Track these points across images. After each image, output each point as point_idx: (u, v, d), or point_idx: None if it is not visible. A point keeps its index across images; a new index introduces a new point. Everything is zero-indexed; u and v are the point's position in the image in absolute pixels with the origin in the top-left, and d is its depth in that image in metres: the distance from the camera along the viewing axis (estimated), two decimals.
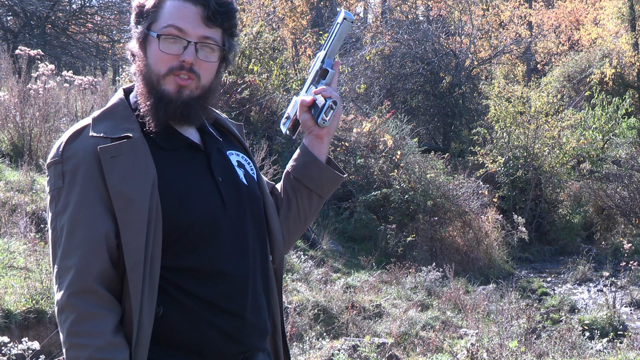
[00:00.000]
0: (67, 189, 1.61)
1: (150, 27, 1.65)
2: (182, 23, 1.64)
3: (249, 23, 12.03)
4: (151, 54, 1.65)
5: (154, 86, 1.65)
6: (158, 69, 1.65)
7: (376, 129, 11.51)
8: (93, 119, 1.66)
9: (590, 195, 14.56)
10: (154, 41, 1.65)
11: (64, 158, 1.62)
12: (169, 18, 1.64)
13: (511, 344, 5.48)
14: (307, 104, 1.86)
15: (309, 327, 6.27)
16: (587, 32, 21.01)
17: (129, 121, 1.66)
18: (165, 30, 1.64)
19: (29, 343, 3.42)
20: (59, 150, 1.64)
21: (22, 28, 16.22)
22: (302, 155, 1.91)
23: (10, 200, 5.80)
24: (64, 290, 1.56)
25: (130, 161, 1.60)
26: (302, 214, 1.91)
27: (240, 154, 1.82)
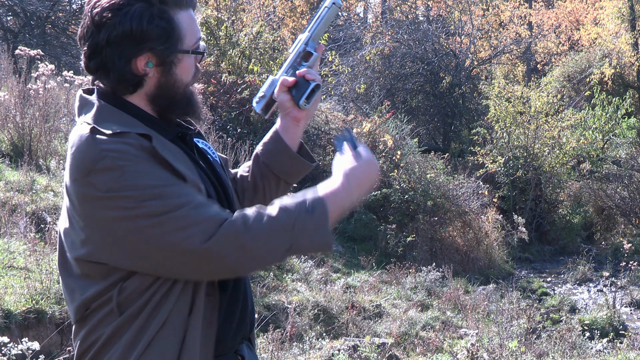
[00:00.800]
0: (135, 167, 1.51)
1: (180, 47, 1.65)
2: (199, 32, 1.70)
3: (249, 23, 12.04)
4: (183, 69, 1.67)
5: (179, 96, 1.68)
6: (187, 79, 1.69)
7: (376, 129, 11.51)
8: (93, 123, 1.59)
9: (590, 195, 14.56)
10: (188, 57, 1.67)
11: (108, 153, 1.51)
12: (193, 32, 1.67)
13: (511, 344, 5.48)
14: (288, 84, 1.84)
15: (309, 327, 6.27)
16: (587, 32, 21.02)
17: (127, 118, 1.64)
18: (198, 46, 1.69)
19: (29, 343, 3.42)
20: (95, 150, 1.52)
21: (22, 28, 16.22)
22: (273, 141, 1.91)
23: (10, 200, 5.80)
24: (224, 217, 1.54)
25: (174, 153, 1.61)
26: (267, 198, 1.92)
27: (201, 141, 1.84)
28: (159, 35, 1.60)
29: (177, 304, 1.58)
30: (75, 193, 1.55)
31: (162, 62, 1.63)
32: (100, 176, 1.50)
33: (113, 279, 1.56)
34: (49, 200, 6.21)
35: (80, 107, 1.67)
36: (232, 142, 7.90)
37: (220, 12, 11.23)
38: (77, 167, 1.53)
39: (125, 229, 1.51)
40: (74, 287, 1.62)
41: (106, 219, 1.52)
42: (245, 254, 1.52)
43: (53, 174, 6.99)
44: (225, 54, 10.86)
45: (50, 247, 5.18)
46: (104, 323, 1.58)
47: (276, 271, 7.28)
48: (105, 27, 1.58)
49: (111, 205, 1.50)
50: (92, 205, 1.52)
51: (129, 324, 1.57)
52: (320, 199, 1.59)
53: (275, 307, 6.34)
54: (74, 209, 1.57)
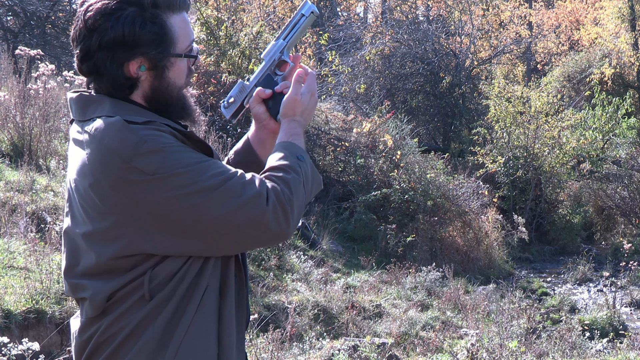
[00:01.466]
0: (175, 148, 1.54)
1: (173, 51, 1.65)
2: (192, 35, 1.70)
3: (249, 23, 12.04)
4: (176, 73, 1.67)
5: (173, 99, 1.69)
6: (180, 82, 1.69)
7: (376, 129, 11.51)
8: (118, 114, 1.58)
9: (590, 195, 14.56)
10: (181, 61, 1.67)
11: (146, 138, 1.52)
12: (187, 35, 1.67)
13: (511, 344, 5.48)
14: (265, 96, 1.85)
15: (309, 327, 6.27)
16: (587, 32, 21.01)
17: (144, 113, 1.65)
18: (191, 49, 1.68)
19: (29, 343, 3.42)
20: (132, 137, 1.51)
21: (22, 28, 16.22)
22: (245, 152, 1.93)
23: (10, 200, 5.80)
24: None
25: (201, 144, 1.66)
26: None
27: None
28: (152, 41, 1.60)
29: (210, 284, 1.60)
30: (109, 184, 1.52)
31: (155, 66, 1.63)
32: (145, 159, 1.50)
33: (143, 268, 1.54)
34: (49, 200, 6.21)
35: (83, 105, 1.64)
36: (232, 142, 7.90)
37: (220, 12, 11.23)
38: (118, 155, 1.51)
39: (180, 208, 1.51)
40: (94, 286, 1.58)
41: (155, 202, 1.51)
42: (291, 215, 1.59)
43: (53, 174, 6.99)
44: (225, 54, 10.86)
45: (50, 247, 5.18)
46: (131, 311, 1.55)
47: (276, 271, 7.29)
48: (97, 32, 1.57)
49: (163, 186, 1.50)
50: (135, 190, 1.50)
51: (159, 309, 1.55)
52: (300, 148, 1.74)
53: (275, 307, 6.34)
54: (102, 204, 1.53)
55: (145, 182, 1.50)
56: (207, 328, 1.59)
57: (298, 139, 1.75)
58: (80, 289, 1.61)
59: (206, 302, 1.59)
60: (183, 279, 1.56)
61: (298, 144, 1.74)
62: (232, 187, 1.54)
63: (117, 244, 1.53)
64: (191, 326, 1.57)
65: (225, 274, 1.64)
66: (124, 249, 1.53)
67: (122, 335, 1.55)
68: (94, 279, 1.58)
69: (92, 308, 1.59)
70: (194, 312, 1.57)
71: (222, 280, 1.63)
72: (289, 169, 1.64)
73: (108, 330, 1.57)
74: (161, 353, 1.55)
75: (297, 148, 1.72)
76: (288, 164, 1.65)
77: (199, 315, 1.58)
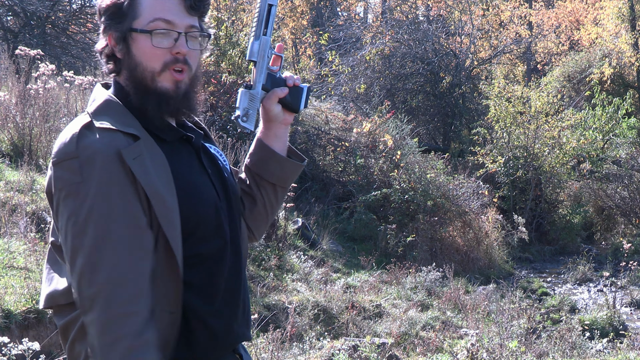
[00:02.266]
0: (92, 183, 1.52)
1: (132, 25, 1.62)
2: (169, 15, 1.63)
3: (249, 23, 12.03)
4: (140, 51, 1.62)
5: (149, 84, 1.64)
6: (152, 65, 1.63)
7: (376, 129, 11.51)
8: (91, 115, 1.60)
9: (590, 195, 14.55)
10: (141, 38, 1.62)
11: (81, 153, 1.53)
12: (154, 12, 1.62)
13: (511, 344, 5.48)
14: (283, 95, 1.83)
15: (309, 327, 6.27)
16: (587, 32, 21.01)
17: (127, 116, 1.63)
18: (153, 25, 1.62)
19: (29, 343, 3.42)
20: (72, 145, 1.54)
21: (22, 28, 16.21)
22: (260, 150, 1.91)
23: (10, 200, 5.80)
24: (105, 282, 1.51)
25: (151, 160, 1.59)
26: (268, 206, 1.93)
27: (212, 146, 1.84)
28: (109, 9, 1.63)
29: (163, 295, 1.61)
30: (50, 174, 1.62)
31: (117, 39, 1.64)
32: (62, 172, 1.55)
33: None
34: None
35: (93, 96, 1.70)
36: (232, 142, 7.90)
37: (220, 12, 11.23)
38: (55, 149, 1.59)
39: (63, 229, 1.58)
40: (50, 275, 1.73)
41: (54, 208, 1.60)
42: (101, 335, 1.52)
43: None
44: (225, 54, 10.86)
45: None
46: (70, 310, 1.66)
47: (276, 271, 7.29)
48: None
49: (58, 203, 1.57)
50: (50, 190, 1.62)
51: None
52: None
53: (275, 307, 6.34)
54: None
55: (54, 188, 1.58)
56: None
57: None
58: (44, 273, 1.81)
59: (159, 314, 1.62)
60: None
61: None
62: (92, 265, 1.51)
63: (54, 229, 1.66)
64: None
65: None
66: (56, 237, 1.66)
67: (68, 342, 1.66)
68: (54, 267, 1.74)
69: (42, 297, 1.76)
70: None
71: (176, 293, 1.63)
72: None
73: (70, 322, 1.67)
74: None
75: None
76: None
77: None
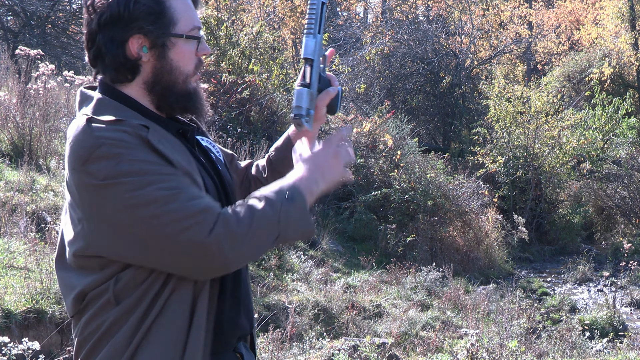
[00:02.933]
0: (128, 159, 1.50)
1: (173, 30, 1.64)
2: (198, 21, 1.69)
3: (249, 23, 12.03)
4: (179, 56, 1.65)
5: (180, 86, 1.67)
6: (188, 69, 1.67)
7: (376, 129, 11.51)
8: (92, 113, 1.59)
9: (590, 195, 14.56)
10: (182, 43, 1.66)
11: (103, 141, 1.51)
12: (190, 19, 1.67)
13: (511, 344, 5.48)
14: (334, 95, 1.82)
15: (309, 327, 6.27)
16: (587, 32, 21.01)
17: (127, 111, 1.63)
18: (194, 32, 1.67)
19: (29, 343, 3.42)
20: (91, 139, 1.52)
21: (22, 28, 16.21)
22: (286, 149, 1.92)
23: (10, 200, 5.80)
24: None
25: (172, 144, 1.61)
26: None
27: (205, 139, 1.85)
28: (147, 14, 1.61)
29: (178, 294, 1.58)
30: (74, 184, 1.55)
31: (154, 44, 1.63)
32: (97, 164, 1.50)
33: (109, 271, 1.56)
34: (49, 200, 6.21)
35: (80, 101, 1.68)
36: (232, 142, 7.90)
37: (220, 12, 11.23)
38: (75, 156, 1.53)
39: (124, 218, 1.50)
40: (71, 281, 1.62)
41: (105, 208, 1.51)
42: (239, 248, 1.52)
43: (53, 174, 6.99)
44: (225, 54, 10.86)
45: (50, 247, 5.18)
46: (102, 312, 1.57)
47: (276, 271, 7.28)
48: (96, 13, 1.61)
49: (109, 194, 1.50)
50: (91, 194, 1.52)
51: (128, 315, 1.56)
52: (297, 187, 1.60)
53: (275, 307, 6.34)
54: (73, 201, 1.58)
55: (95, 186, 1.51)
56: (170, 338, 1.58)
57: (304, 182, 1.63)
58: (62, 282, 1.66)
59: (173, 313, 1.58)
60: (151, 287, 1.56)
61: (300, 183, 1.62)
62: (176, 209, 1.48)
63: (80, 241, 1.57)
64: (150, 334, 1.56)
65: (197, 286, 1.61)
66: (85, 248, 1.56)
67: (98, 334, 1.58)
68: (72, 273, 1.62)
69: (68, 304, 1.64)
70: (152, 320, 1.56)
71: (194, 290, 1.60)
72: (266, 202, 1.55)
73: (86, 328, 1.60)
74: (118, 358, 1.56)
75: (294, 189, 1.59)
76: (268, 198, 1.56)
77: (162, 325, 1.57)
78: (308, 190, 1.63)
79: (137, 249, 1.52)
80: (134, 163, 1.50)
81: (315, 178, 1.65)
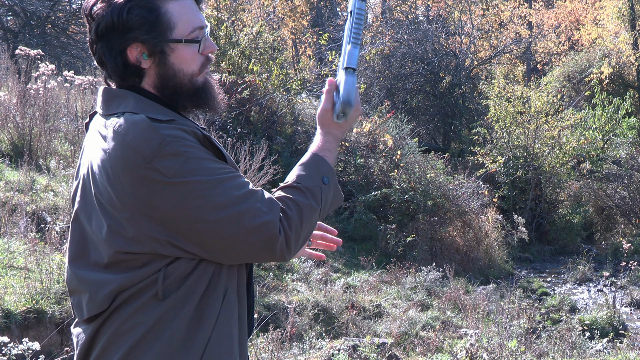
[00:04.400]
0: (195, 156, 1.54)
1: (170, 36, 1.63)
2: (199, 22, 1.68)
3: (249, 23, 12.04)
4: (180, 59, 1.65)
5: (187, 86, 1.67)
6: (191, 69, 1.67)
7: (376, 129, 11.51)
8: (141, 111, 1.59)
9: (590, 195, 14.56)
10: (182, 47, 1.65)
11: (168, 139, 1.53)
12: (189, 21, 1.66)
13: (511, 344, 5.48)
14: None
15: (309, 327, 6.27)
16: (587, 32, 21.01)
17: (168, 112, 1.65)
18: (194, 35, 1.66)
19: (29, 343, 3.42)
20: (156, 136, 1.52)
21: (22, 28, 16.22)
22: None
23: (10, 200, 5.80)
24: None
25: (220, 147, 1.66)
26: None
27: None
28: (141, 24, 1.60)
29: (229, 287, 1.62)
30: (130, 180, 1.52)
31: (152, 51, 1.63)
32: (165, 161, 1.51)
33: (156, 266, 1.55)
34: (49, 200, 6.21)
35: (107, 99, 1.66)
36: (232, 142, 7.90)
37: (220, 12, 11.23)
38: (139, 152, 1.52)
39: (192, 216, 1.52)
40: (102, 278, 1.58)
41: (169, 205, 1.52)
42: (298, 244, 1.62)
43: (53, 174, 6.99)
44: (225, 54, 10.86)
45: (50, 247, 5.18)
46: (143, 310, 1.55)
47: (276, 271, 7.29)
48: (95, 21, 1.62)
49: (179, 191, 1.52)
50: (152, 190, 1.52)
51: (176, 310, 1.55)
52: (329, 166, 1.72)
53: (275, 307, 6.34)
54: (118, 199, 1.54)
55: (163, 183, 1.51)
56: (230, 331, 1.61)
57: (329, 154, 1.75)
58: (86, 281, 1.60)
59: (227, 304, 1.61)
60: (199, 280, 1.57)
61: (329, 160, 1.73)
62: (247, 208, 1.55)
63: (128, 239, 1.54)
64: (215, 329, 1.58)
65: (241, 277, 1.66)
66: (134, 245, 1.54)
67: (137, 335, 1.55)
68: (103, 271, 1.58)
69: (95, 303, 1.58)
70: (216, 315, 1.58)
71: (238, 283, 1.65)
72: (309, 193, 1.65)
73: (121, 328, 1.56)
74: (184, 355, 1.55)
75: (326, 166, 1.71)
76: (309, 187, 1.66)
77: (222, 318, 1.59)
78: (335, 159, 1.77)
79: (202, 247, 1.55)
80: (201, 161, 1.54)
81: (339, 142, 1.80)
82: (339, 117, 1.76)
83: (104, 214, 1.57)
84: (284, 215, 1.59)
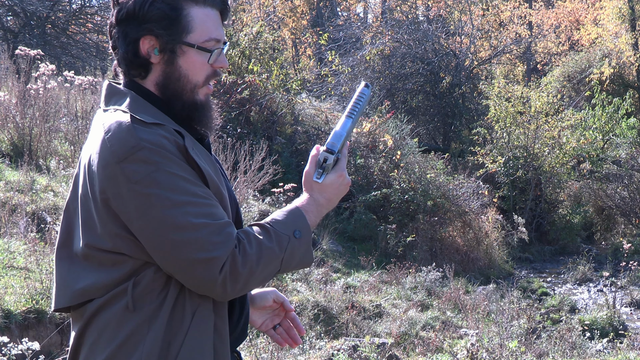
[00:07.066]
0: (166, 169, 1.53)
1: (185, 38, 1.65)
2: (217, 34, 1.69)
3: (249, 23, 12.04)
4: (189, 65, 1.66)
5: (187, 96, 1.68)
6: (197, 79, 1.68)
7: (376, 129, 11.51)
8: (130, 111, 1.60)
9: (590, 195, 14.56)
10: (194, 53, 1.66)
11: (145, 144, 1.53)
12: (208, 30, 1.66)
13: (511, 344, 5.48)
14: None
15: (309, 327, 6.27)
16: (587, 32, 21.01)
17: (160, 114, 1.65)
18: (209, 44, 1.67)
19: (29, 343, 3.42)
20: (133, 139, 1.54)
21: (22, 28, 16.22)
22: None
23: (10, 200, 5.80)
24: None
25: (200, 155, 1.64)
26: None
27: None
28: (160, 18, 1.62)
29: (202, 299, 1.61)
30: (102, 176, 1.55)
31: (164, 48, 1.64)
32: (134, 165, 1.52)
33: (125, 269, 1.57)
34: (49, 200, 6.21)
35: (108, 95, 1.68)
36: (232, 142, 7.90)
37: None
38: (113, 151, 1.54)
39: (147, 226, 1.53)
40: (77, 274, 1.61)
41: (129, 208, 1.53)
42: (240, 288, 1.59)
43: (53, 174, 6.99)
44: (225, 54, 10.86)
45: (50, 247, 5.18)
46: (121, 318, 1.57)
47: None
48: (118, 6, 1.64)
49: (138, 198, 1.53)
50: (118, 190, 1.54)
51: (149, 323, 1.56)
52: (305, 223, 1.67)
53: None
54: (94, 194, 1.57)
55: (127, 186, 1.53)
56: (202, 347, 1.60)
57: (311, 215, 1.70)
58: (59, 270, 1.64)
59: (199, 319, 1.60)
60: (169, 292, 1.58)
61: (308, 219, 1.69)
62: (197, 239, 1.53)
63: (97, 234, 1.57)
64: (184, 346, 1.58)
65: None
66: (101, 241, 1.57)
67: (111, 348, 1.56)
68: (77, 264, 1.61)
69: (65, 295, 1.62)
70: (185, 331, 1.58)
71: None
72: (275, 237, 1.62)
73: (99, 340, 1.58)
74: None
75: (303, 222, 1.67)
76: (278, 233, 1.63)
77: (192, 333, 1.58)
78: (315, 223, 1.71)
79: (154, 255, 1.56)
80: (170, 176, 1.54)
81: (324, 210, 1.73)
82: (319, 172, 1.73)
83: (82, 206, 1.61)
84: (242, 250, 1.57)
